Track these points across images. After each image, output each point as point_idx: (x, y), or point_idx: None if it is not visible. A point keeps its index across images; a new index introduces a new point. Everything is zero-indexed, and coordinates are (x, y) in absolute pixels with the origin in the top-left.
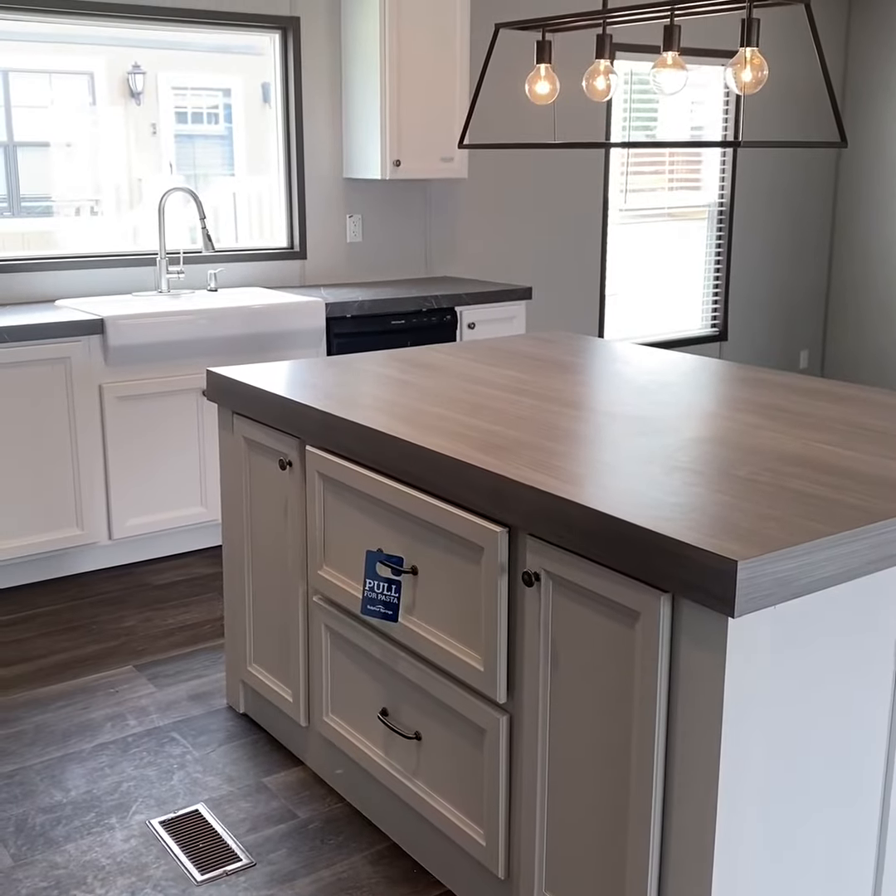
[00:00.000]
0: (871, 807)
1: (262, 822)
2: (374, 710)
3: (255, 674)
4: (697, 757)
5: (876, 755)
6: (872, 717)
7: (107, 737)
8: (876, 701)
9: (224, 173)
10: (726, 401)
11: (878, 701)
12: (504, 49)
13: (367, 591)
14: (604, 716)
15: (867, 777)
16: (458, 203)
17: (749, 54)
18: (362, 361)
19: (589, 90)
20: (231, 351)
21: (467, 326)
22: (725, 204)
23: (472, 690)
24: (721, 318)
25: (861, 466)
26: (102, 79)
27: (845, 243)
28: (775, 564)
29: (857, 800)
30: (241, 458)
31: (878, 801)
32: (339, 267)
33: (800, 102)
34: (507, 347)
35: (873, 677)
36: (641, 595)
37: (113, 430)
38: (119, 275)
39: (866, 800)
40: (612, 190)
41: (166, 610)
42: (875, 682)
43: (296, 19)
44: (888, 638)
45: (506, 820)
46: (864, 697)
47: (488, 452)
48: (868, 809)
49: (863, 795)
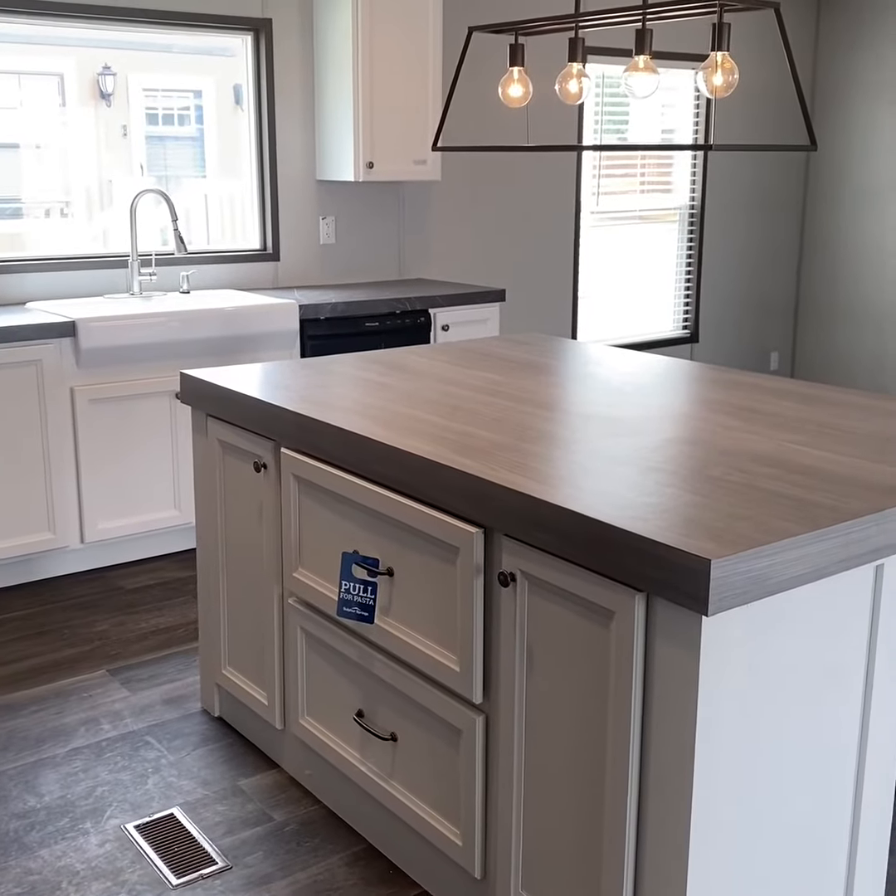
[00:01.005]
0: (844, 801)
1: (238, 825)
2: (349, 712)
3: (230, 677)
4: (672, 755)
5: (848, 750)
6: (844, 713)
7: (80, 741)
8: (847, 697)
9: (196, 175)
10: (699, 402)
11: (850, 697)
12: (477, 52)
13: (342, 593)
14: (579, 715)
15: (839, 772)
16: (431, 205)
17: (720, 58)
18: (336, 363)
19: (562, 93)
20: (204, 353)
21: (441, 328)
22: (696, 206)
23: (448, 691)
24: (692, 320)
25: (831, 466)
26: (72, 80)
27: (815, 246)
28: (748, 563)
29: (830, 795)
30: (215, 461)
31: (850, 795)
32: (313, 269)
33: (771, 105)
34: (481, 349)
35: (844, 674)
36: (616, 594)
37: (85, 433)
38: (90, 277)
39: (839, 794)
40: (584, 192)
41: (139, 614)
42: (846, 679)
43: (268, 21)
44: (859, 635)
45: (482, 820)
46: (836, 694)
47: (463, 454)
48: (840, 803)
49: (835, 790)
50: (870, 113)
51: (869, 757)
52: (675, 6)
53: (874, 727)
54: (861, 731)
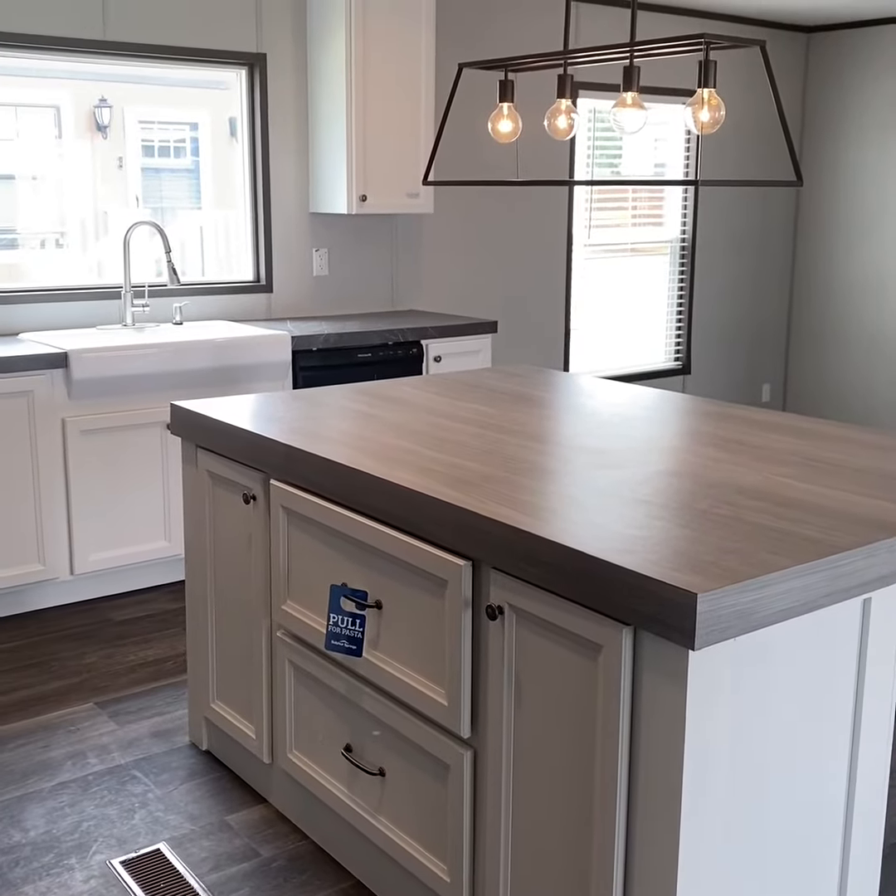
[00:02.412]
0: (834, 832)
1: (225, 860)
2: (337, 746)
3: (218, 710)
4: (660, 789)
5: (837, 783)
6: (832, 746)
7: (67, 776)
8: (835, 730)
9: (191, 207)
10: (688, 434)
11: (838, 730)
12: (469, 87)
13: (331, 626)
14: (567, 749)
15: (828, 803)
16: (424, 237)
17: (707, 95)
18: (328, 395)
19: (551, 129)
20: (196, 384)
21: (433, 360)
22: (688, 239)
23: (436, 725)
24: (684, 352)
25: (818, 500)
26: (69, 112)
27: (806, 278)
28: (735, 597)
29: (820, 826)
30: (204, 492)
31: (840, 827)
32: (306, 300)
33: (759, 141)
34: (472, 381)
35: (833, 707)
36: (603, 628)
37: (76, 464)
38: (83, 308)
39: (829, 825)
40: (576, 225)
41: (128, 646)
42: (834, 712)
43: (262, 56)
44: (847, 669)
45: (470, 855)
46: (824, 727)
47: (453, 486)
48: (831, 834)
49: (825, 822)
50: (858, 147)
51: (858, 788)
52: (661, 43)
53: (863, 759)
54: (850, 764)
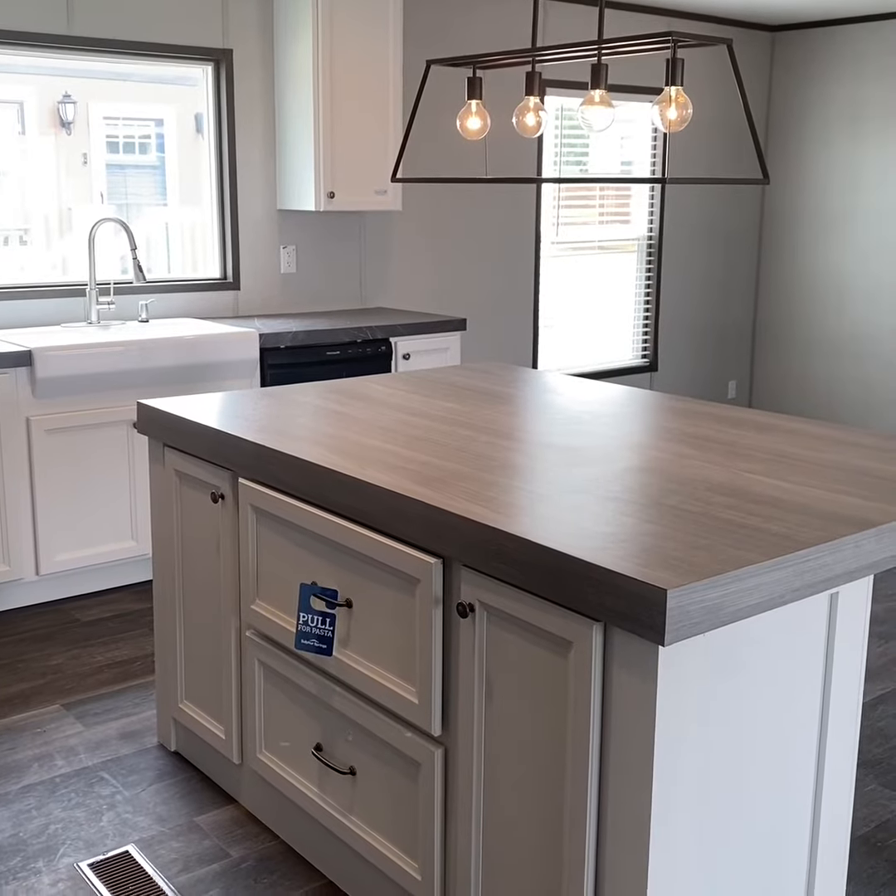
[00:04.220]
0: (802, 824)
1: (194, 862)
2: (308, 745)
3: (187, 711)
4: (631, 785)
5: (805, 774)
6: (802, 740)
7: (34, 778)
8: (804, 723)
9: (156, 203)
10: (656, 431)
11: (807, 723)
12: (438, 84)
13: (300, 625)
14: (539, 745)
15: (797, 796)
16: (392, 235)
17: (674, 93)
18: (296, 393)
19: (519, 126)
20: (163, 382)
21: (402, 357)
22: (654, 237)
23: (407, 724)
24: (651, 349)
25: (785, 495)
26: (32, 108)
27: (772, 276)
28: (704, 593)
29: (788, 818)
30: (172, 491)
31: (808, 819)
32: (274, 298)
33: (726, 138)
34: (441, 378)
35: (802, 701)
36: (574, 625)
37: (41, 464)
38: (48, 305)
39: (797, 818)
40: (544, 223)
41: (95, 647)
42: (803, 706)
43: (228, 52)
44: (815, 663)
45: (441, 853)
46: (793, 720)
47: (423, 484)
48: (799, 827)
49: (794, 814)
50: (823, 145)
51: (826, 781)
52: (629, 42)
53: (830, 752)
54: (818, 757)
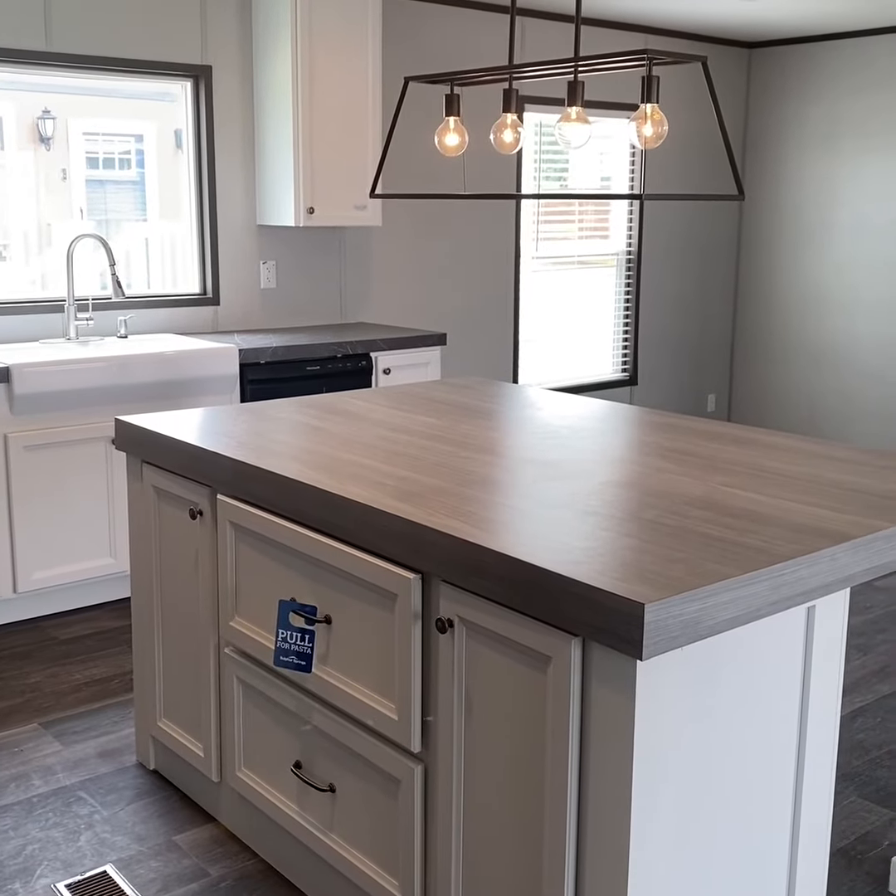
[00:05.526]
0: (782, 839)
1: (173, 881)
2: (287, 763)
3: (166, 729)
4: (610, 800)
5: (784, 788)
6: (780, 753)
7: (10, 798)
8: (783, 737)
9: (136, 219)
10: (634, 445)
11: (785, 736)
12: (417, 101)
13: (279, 642)
14: (518, 761)
15: (777, 810)
16: (372, 250)
17: (650, 110)
18: (276, 408)
19: (497, 143)
20: (142, 398)
21: (382, 372)
22: (633, 252)
23: (386, 740)
24: (631, 363)
25: (762, 509)
26: (11, 123)
27: (749, 290)
28: (681, 606)
29: (769, 831)
30: (150, 508)
31: (787, 831)
32: (254, 313)
33: (703, 154)
34: (421, 393)
35: (780, 714)
36: (552, 639)
37: (19, 481)
38: (26, 321)
39: (778, 829)
40: (524, 238)
41: (73, 665)
42: (782, 719)
43: (207, 68)
44: (793, 676)
45: (421, 870)
46: (772, 734)
47: (402, 499)
48: (779, 842)
49: (774, 826)
50: (799, 162)
51: (805, 793)
52: (605, 59)
53: (809, 765)
54: (797, 770)
